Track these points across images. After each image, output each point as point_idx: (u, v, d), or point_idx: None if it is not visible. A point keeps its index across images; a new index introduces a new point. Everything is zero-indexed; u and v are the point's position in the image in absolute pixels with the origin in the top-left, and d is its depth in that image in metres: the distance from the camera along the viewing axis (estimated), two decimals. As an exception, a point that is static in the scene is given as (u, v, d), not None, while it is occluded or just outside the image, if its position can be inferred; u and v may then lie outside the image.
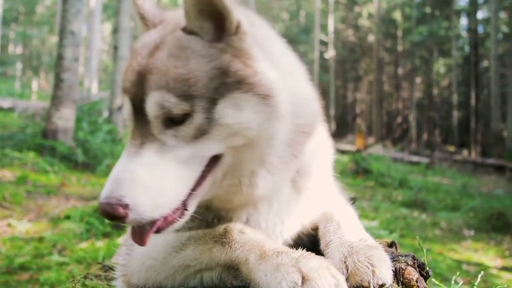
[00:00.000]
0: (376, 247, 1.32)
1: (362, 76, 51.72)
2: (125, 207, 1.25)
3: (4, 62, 38.29)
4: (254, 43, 1.42)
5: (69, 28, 9.21)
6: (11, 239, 5.15)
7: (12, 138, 9.67)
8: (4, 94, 18.83)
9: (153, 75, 1.34)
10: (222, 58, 1.36)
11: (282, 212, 1.61)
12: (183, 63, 1.34)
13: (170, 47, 1.38)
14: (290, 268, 1.21)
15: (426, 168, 21.14)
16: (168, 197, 1.32)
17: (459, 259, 7.34)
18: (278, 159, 1.46)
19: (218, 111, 1.32)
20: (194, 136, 1.34)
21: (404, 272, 1.37)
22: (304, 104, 1.53)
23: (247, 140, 1.37)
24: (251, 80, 1.35)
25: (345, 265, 1.28)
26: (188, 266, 1.45)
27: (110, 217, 1.27)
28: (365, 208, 10.67)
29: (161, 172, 1.32)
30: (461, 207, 12.20)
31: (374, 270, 1.23)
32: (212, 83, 1.33)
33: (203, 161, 1.38)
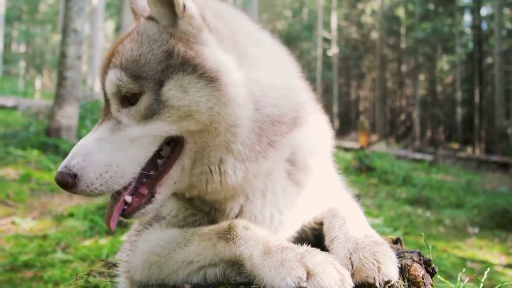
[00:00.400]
0: (382, 244, 1.31)
1: (365, 73, 51.59)
2: (73, 177, 1.38)
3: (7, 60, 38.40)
4: (205, 28, 1.47)
5: (72, 26, 9.23)
6: (15, 236, 5.17)
7: (16, 136, 9.70)
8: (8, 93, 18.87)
9: (114, 57, 1.47)
10: (170, 41, 1.44)
11: (279, 203, 1.61)
12: (137, 46, 1.45)
13: (132, 34, 1.50)
14: (294, 263, 1.20)
15: (430, 166, 21.07)
16: (116, 172, 1.40)
17: (463, 256, 7.30)
18: (246, 148, 1.47)
19: (164, 93, 1.40)
20: (144, 116, 1.42)
21: (410, 268, 1.35)
22: (273, 93, 1.53)
23: (201, 125, 1.42)
24: (193, 61, 1.41)
25: (351, 261, 1.27)
26: (192, 262, 1.45)
27: (62, 186, 1.40)
28: (368, 206, 10.64)
29: (111, 148, 1.42)
30: (465, 204, 12.15)
31: (379, 266, 1.22)
32: (160, 66, 1.41)
33: (156, 141, 1.45)
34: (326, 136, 1.78)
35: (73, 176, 1.38)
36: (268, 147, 1.50)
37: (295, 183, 1.63)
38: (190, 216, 1.65)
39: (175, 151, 1.48)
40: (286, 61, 1.69)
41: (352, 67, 52.52)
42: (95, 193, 1.40)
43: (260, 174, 1.53)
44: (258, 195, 1.59)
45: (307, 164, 1.64)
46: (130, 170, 1.42)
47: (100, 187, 1.39)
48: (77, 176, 1.38)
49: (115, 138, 1.44)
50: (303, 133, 1.62)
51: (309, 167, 1.64)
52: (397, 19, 46.11)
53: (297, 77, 1.70)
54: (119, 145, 1.43)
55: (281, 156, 1.58)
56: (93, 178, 1.38)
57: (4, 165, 7.99)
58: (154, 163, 1.49)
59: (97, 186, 1.39)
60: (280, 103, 1.53)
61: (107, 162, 1.40)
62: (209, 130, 1.42)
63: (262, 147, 1.49)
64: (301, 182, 1.63)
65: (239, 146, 1.46)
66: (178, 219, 1.66)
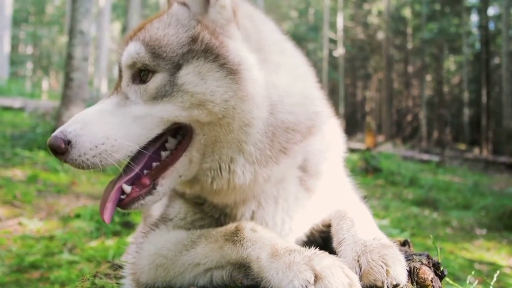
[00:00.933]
0: (391, 246, 1.30)
1: (372, 74, 51.44)
2: (67, 143, 1.33)
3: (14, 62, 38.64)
4: (233, 22, 1.48)
5: (78, 27, 9.25)
6: (22, 237, 5.18)
7: (23, 138, 9.73)
8: (15, 94, 18.97)
9: (139, 32, 1.48)
10: (197, 27, 1.44)
11: (290, 209, 1.60)
12: (164, 26, 1.46)
13: (163, 15, 1.52)
14: (302, 266, 1.19)
15: (437, 167, 20.96)
16: (111, 146, 1.36)
17: (471, 258, 7.25)
18: (258, 151, 1.45)
19: (181, 76, 1.39)
20: (153, 96, 1.41)
21: (419, 271, 1.34)
22: (290, 100, 1.52)
23: (213, 117, 1.39)
24: (217, 51, 1.40)
25: (359, 264, 1.26)
26: (198, 264, 1.44)
27: (53, 151, 1.34)
28: (375, 207, 10.60)
29: (112, 121, 1.39)
30: (473, 205, 12.08)
31: (388, 269, 1.21)
32: (182, 49, 1.41)
33: (161, 124, 1.42)
34: (338, 141, 1.78)
35: (67, 142, 1.34)
36: (280, 153, 1.49)
37: (306, 189, 1.62)
38: (198, 220, 1.64)
39: (183, 142, 1.46)
40: (306, 71, 1.69)
41: (358, 68, 52.39)
42: (86, 164, 1.35)
43: (271, 179, 1.52)
44: (270, 201, 1.58)
45: (318, 170, 1.64)
46: (128, 146, 1.38)
47: (93, 159, 1.35)
48: (71, 142, 1.34)
49: (119, 113, 1.42)
50: (317, 140, 1.62)
51: (320, 172, 1.64)
52: (404, 20, 45.94)
53: (314, 86, 1.70)
54: (121, 119, 1.40)
55: (294, 163, 1.57)
56: (87, 148, 1.34)
57: (11, 166, 8.02)
58: (157, 155, 1.47)
59: (90, 157, 1.34)
60: (297, 110, 1.52)
61: (105, 134, 1.36)
62: (222, 124, 1.40)
63: (273, 153, 1.47)
64: (311, 188, 1.63)
65: (251, 147, 1.44)
66: (185, 222, 1.65)
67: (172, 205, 1.71)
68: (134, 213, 5.75)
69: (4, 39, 24.04)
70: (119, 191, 1.42)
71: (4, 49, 24.24)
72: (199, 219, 1.63)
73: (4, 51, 24.19)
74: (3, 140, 9.74)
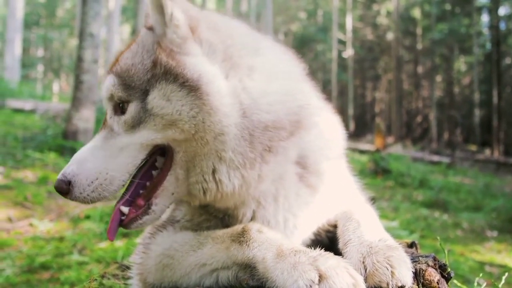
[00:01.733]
0: (396, 248, 1.29)
1: (381, 75, 51.24)
2: (68, 184, 1.43)
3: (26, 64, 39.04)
4: (192, 38, 1.50)
5: (88, 30, 9.32)
6: (33, 238, 5.23)
7: (34, 140, 9.82)
8: (26, 96, 19.14)
9: (115, 64, 1.54)
10: (156, 51, 1.47)
11: (292, 206, 1.60)
12: (132, 55, 1.51)
13: (133, 44, 1.56)
14: (307, 266, 1.19)
15: (447, 168, 20.81)
16: (104, 180, 1.45)
17: (481, 260, 7.19)
18: (239, 155, 1.46)
19: (150, 101, 1.43)
20: (131, 124, 1.46)
21: (425, 273, 1.33)
22: (265, 100, 1.51)
23: (186, 134, 1.43)
24: (174, 71, 1.43)
25: (364, 265, 1.25)
26: (205, 264, 1.45)
27: (59, 192, 1.45)
28: (384, 209, 10.55)
29: (102, 155, 1.47)
30: (484, 207, 11.98)
31: (393, 271, 1.20)
32: (147, 76, 1.45)
33: (142, 149, 1.47)
34: (338, 137, 1.76)
35: (68, 183, 1.44)
36: (266, 152, 1.49)
37: (307, 186, 1.62)
38: (204, 222, 1.66)
39: (166, 162, 1.50)
40: (287, 67, 1.67)
41: (367, 69, 52.21)
42: (88, 199, 1.44)
43: (265, 178, 1.53)
44: (270, 200, 1.58)
45: (319, 167, 1.63)
46: (119, 177, 1.46)
47: (92, 194, 1.44)
48: (71, 183, 1.43)
49: (107, 146, 1.49)
50: (312, 135, 1.62)
51: (321, 170, 1.63)
52: (413, 20, 45.69)
53: (300, 80, 1.69)
54: (109, 152, 1.48)
55: (286, 159, 1.56)
56: (85, 185, 1.43)
57: (22, 167, 8.10)
58: (149, 174, 1.53)
59: (89, 192, 1.44)
60: (275, 108, 1.52)
61: (97, 169, 1.45)
62: (196, 139, 1.44)
63: (256, 153, 1.48)
64: (313, 185, 1.62)
65: (230, 154, 1.45)
66: (192, 223, 1.67)
67: (178, 207, 1.73)
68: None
69: (16, 42, 24.29)
70: (119, 213, 1.49)
71: (16, 52, 24.49)
72: (205, 220, 1.65)
73: (15, 53, 24.45)
74: (14, 142, 9.83)
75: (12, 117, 13.37)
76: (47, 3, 46.42)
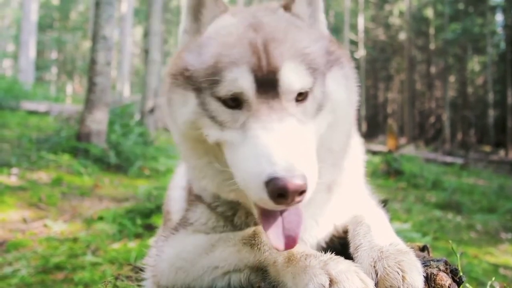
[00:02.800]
0: (407, 252, 1.30)
1: (393, 76, 50.90)
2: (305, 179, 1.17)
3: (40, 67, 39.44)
4: None
5: (101, 33, 9.39)
6: (47, 239, 5.28)
7: (48, 141, 9.91)
8: (40, 98, 19.33)
9: (282, 45, 1.34)
10: (323, 40, 1.48)
11: (316, 214, 1.62)
12: (303, 37, 1.41)
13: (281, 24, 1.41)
14: (318, 270, 1.20)
15: (461, 169, 20.63)
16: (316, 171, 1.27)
17: (495, 262, 7.12)
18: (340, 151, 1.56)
19: (328, 84, 1.41)
20: (315, 111, 1.37)
21: (436, 278, 1.33)
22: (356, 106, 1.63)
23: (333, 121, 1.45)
24: (342, 60, 1.49)
25: (375, 270, 1.26)
26: (217, 267, 1.46)
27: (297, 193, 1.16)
28: (397, 210, 10.49)
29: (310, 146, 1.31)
30: (498, 209, 11.86)
31: (404, 276, 1.21)
32: (322, 59, 1.41)
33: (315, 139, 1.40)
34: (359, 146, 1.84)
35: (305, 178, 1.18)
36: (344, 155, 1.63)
37: (329, 192, 1.64)
38: (220, 227, 1.66)
39: None
40: None
41: (379, 69, 51.92)
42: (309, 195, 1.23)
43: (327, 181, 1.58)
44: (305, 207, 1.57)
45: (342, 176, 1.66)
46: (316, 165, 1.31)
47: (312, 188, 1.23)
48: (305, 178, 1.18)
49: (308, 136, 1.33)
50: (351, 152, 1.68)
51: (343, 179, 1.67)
52: (426, 20, 45.33)
53: None
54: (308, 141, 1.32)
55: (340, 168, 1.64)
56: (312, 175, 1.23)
57: (36, 169, 8.19)
58: None
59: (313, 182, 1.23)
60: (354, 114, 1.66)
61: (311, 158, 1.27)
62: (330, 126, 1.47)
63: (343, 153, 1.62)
64: (333, 191, 1.65)
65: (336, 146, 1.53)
66: (206, 227, 1.67)
67: (192, 209, 1.72)
68: (156, 216, 5.82)
69: (30, 44, 24.59)
70: None
71: (30, 55, 24.79)
72: (221, 226, 1.65)
73: (30, 56, 24.75)
74: (29, 143, 9.95)
75: (26, 119, 13.53)
76: (60, 6, 46.89)
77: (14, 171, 7.77)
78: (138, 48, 51.34)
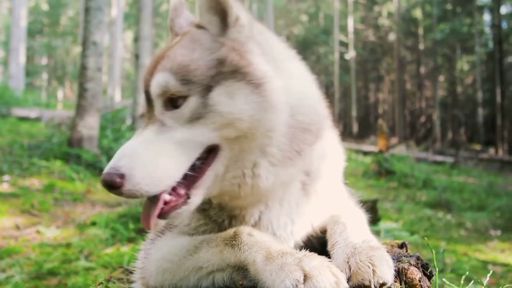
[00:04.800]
0: (378, 248, 1.37)
1: (384, 76, 51.19)
2: (122, 177, 1.35)
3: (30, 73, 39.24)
4: (251, 38, 1.56)
5: (91, 39, 9.39)
6: (40, 245, 5.31)
7: (40, 147, 9.89)
8: (31, 104, 19.24)
9: (163, 61, 1.51)
10: (222, 50, 1.50)
11: (292, 213, 1.67)
12: (189, 52, 1.50)
13: (183, 41, 1.56)
14: (293, 267, 1.27)
15: (451, 168, 20.82)
16: (162, 173, 1.40)
17: (485, 259, 7.23)
18: (280, 152, 1.52)
19: (212, 97, 1.44)
20: (189, 119, 1.45)
21: (407, 271, 1.41)
22: (306, 102, 1.61)
23: (239, 132, 1.46)
24: (245, 69, 1.47)
25: (348, 265, 1.33)
26: (201, 267, 1.53)
27: (109, 187, 1.36)
28: (388, 210, 10.59)
29: (157, 149, 1.43)
30: (487, 206, 12.01)
31: (374, 269, 1.28)
32: (210, 72, 1.46)
33: (197, 148, 1.47)
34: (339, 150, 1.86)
35: (121, 176, 1.35)
36: (296, 154, 1.57)
37: (306, 194, 1.69)
38: (202, 226, 1.72)
39: (209, 158, 1.50)
40: (311, 76, 1.76)
41: (370, 70, 52.18)
42: (140, 193, 1.37)
43: (285, 180, 1.60)
44: (276, 203, 1.65)
45: (319, 175, 1.71)
46: (176, 172, 1.43)
47: (146, 187, 1.37)
48: (124, 176, 1.35)
49: (161, 140, 1.44)
50: (321, 146, 1.69)
51: (320, 178, 1.71)
52: (415, 21, 45.69)
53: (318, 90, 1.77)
54: (164, 147, 1.43)
55: (304, 165, 1.64)
56: (140, 178, 1.36)
57: (28, 175, 8.19)
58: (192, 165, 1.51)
59: (143, 185, 1.36)
60: (311, 112, 1.61)
61: (154, 162, 1.39)
62: (247, 136, 1.47)
63: (291, 154, 1.55)
64: (311, 192, 1.70)
65: (274, 149, 1.51)
66: (189, 228, 1.74)
67: None
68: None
69: (20, 50, 24.47)
70: (163, 201, 1.45)
71: (20, 60, 24.67)
72: (203, 224, 1.71)
73: (20, 62, 24.63)
74: (20, 150, 9.93)
75: (17, 125, 13.48)
76: (50, 11, 46.66)
77: (6, 178, 7.78)
78: (128, 53, 51.20)
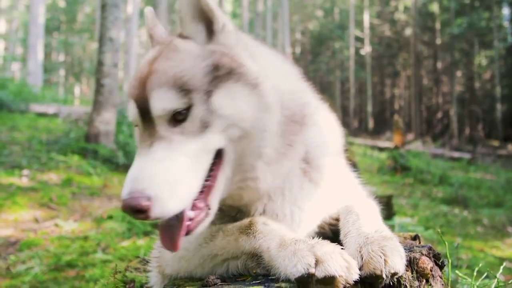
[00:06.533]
0: (391, 238, 1.39)
1: (400, 71, 50.69)
2: (149, 199, 1.29)
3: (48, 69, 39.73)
4: (238, 42, 1.59)
5: (108, 35, 9.48)
6: (59, 238, 5.41)
7: (57, 143, 10.03)
8: (49, 101, 19.44)
9: (154, 76, 1.48)
10: (213, 55, 1.51)
11: (297, 200, 1.70)
12: (177, 63, 1.49)
13: (166, 54, 1.54)
14: (305, 252, 1.31)
15: (468, 164, 20.56)
16: (185, 188, 1.39)
17: (501, 256, 7.15)
18: (274, 151, 1.56)
19: (214, 101, 1.45)
20: (199, 129, 1.44)
21: (419, 261, 1.43)
22: (289, 97, 1.64)
23: (242, 132, 1.49)
24: (239, 70, 1.50)
25: (360, 255, 1.36)
26: (216, 255, 1.57)
27: (135, 211, 1.30)
28: (403, 206, 10.54)
29: (174, 166, 1.39)
30: (505, 203, 11.86)
31: (386, 259, 1.30)
32: (207, 78, 1.46)
33: (209, 154, 1.47)
34: (336, 135, 1.88)
35: (148, 199, 1.29)
36: (288, 147, 1.60)
37: (310, 180, 1.72)
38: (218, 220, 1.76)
39: (216, 163, 1.50)
40: (287, 68, 1.79)
41: (386, 66, 51.71)
42: (168, 214, 1.34)
43: (283, 173, 1.63)
44: (278, 194, 1.68)
45: (320, 163, 1.73)
46: (196, 185, 1.42)
47: (174, 207, 1.34)
48: (151, 198, 1.29)
49: (175, 156, 1.41)
50: (313, 132, 1.73)
51: (321, 166, 1.73)
52: (432, 15, 45.06)
53: (299, 80, 1.81)
54: (180, 162, 1.40)
55: (298, 154, 1.67)
56: (168, 198, 1.32)
57: (47, 170, 8.32)
58: None
59: (171, 205, 1.33)
60: (291, 105, 1.64)
61: (175, 180, 1.36)
62: (247, 136, 1.50)
63: (284, 148, 1.59)
64: (315, 180, 1.72)
65: (268, 150, 1.55)
66: None
67: None
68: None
69: (38, 47, 24.80)
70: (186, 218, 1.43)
71: (38, 57, 25.02)
72: (218, 218, 1.75)
73: (38, 59, 24.97)
74: (39, 145, 10.08)
75: (36, 121, 13.67)
76: (67, 8, 47.17)
77: (25, 173, 7.92)
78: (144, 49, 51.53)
